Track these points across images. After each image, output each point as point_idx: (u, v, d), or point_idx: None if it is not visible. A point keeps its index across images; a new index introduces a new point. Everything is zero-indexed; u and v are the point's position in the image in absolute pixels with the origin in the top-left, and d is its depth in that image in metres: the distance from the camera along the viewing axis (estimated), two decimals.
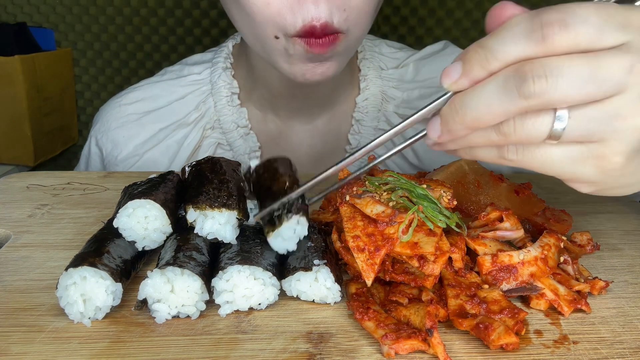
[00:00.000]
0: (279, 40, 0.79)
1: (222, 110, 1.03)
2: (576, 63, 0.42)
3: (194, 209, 0.58)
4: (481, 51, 0.45)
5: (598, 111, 0.44)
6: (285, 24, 0.75)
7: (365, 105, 1.03)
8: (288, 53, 0.80)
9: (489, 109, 0.44)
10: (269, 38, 0.79)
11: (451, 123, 0.47)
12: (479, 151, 0.50)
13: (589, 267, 0.63)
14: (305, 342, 0.49)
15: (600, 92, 0.43)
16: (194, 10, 2.03)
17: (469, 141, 0.48)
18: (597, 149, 0.46)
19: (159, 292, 0.51)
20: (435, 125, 0.49)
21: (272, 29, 0.78)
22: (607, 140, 0.45)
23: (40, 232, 0.69)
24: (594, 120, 0.44)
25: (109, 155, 1.05)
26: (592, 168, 0.47)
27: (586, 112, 0.44)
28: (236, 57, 1.05)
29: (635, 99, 0.43)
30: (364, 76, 1.04)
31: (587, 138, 0.45)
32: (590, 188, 0.51)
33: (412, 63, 1.05)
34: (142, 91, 1.07)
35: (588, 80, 0.42)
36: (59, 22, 2.05)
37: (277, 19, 0.76)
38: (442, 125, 0.48)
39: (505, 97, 0.43)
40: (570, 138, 0.45)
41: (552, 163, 0.47)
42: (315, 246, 0.57)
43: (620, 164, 0.46)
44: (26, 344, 0.48)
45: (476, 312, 0.51)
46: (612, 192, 0.53)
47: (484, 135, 0.47)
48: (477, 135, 0.47)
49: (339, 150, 1.06)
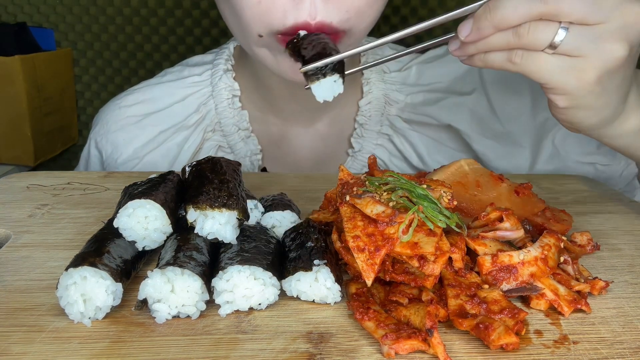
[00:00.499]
0: (262, 40, 0.78)
1: (223, 113, 1.02)
2: None
3: (194, 209, 0.58)
4: None
5: (587, 32, 0.57)
6: (274, 21, 0.75)
7: (369, 108, 1.03)
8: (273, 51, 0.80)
9: (516, 10, 0.57)
10: (251, 38, 0.79)
11: (482, 21, 0.59)
12: (491, 56, 0.62)
13: (589, 267, 0.63)
14: (305, 342, 0.49)
15: (593, 17, 0.57)
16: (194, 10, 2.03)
17: (487, 44, 0.60)
18: (580, 63, 0.59)
19: (159, 292, 0.51)
20: (467, 25, 0.61)
21: (257, 27, 0.77)
22: (588, 57, 0.58)
23: (41, 232, 0.69)
24: (583, 38, 0.58)
25: (109, 158, 1.05)
26: (572, 79, 0.60)
27: (580, 30, 0.57)
28: (237, 59, 1.04)
29: (615, 29, 0.57)
30: (366, 79, 1.03)
31: (575, 52, 0.58)
32: (565, 102, 0.63)
33: (415, 66, 1.05)
34: (141, 93, 1.07)
35: (588, 4, 0.56)
36: (59, 22, 2.05)
37: (265, 17, 0.75)
38: (474, 24, 0.60)
39: (529, 1, 0.56)
40: (563, 50, 0.58)
41: (545, 69, 0.60)
42: (315, 246, 0.57)
43: (593, 79, 0.59)
44: (26, 344, 0.48)
45: (476, 312, 0.51)
46: (580, 115, 0.64)
47: (503, 37, 0.59)
48: (497, 36, 0.59)
49: (340, 154, 1.06)
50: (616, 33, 0.58)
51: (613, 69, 0.60)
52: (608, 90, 0.62)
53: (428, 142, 1.03)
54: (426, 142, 1.03)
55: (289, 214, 0.67)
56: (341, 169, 0.63)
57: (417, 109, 1.02)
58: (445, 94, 1.03)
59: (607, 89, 0.62)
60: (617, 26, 0.57)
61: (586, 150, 0.99)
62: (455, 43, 0.64)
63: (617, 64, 0.59)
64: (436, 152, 1.02)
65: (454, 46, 0.64)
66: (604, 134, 0.70)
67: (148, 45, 2.08)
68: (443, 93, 1.03)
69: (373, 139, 1.03)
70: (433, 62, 1.06)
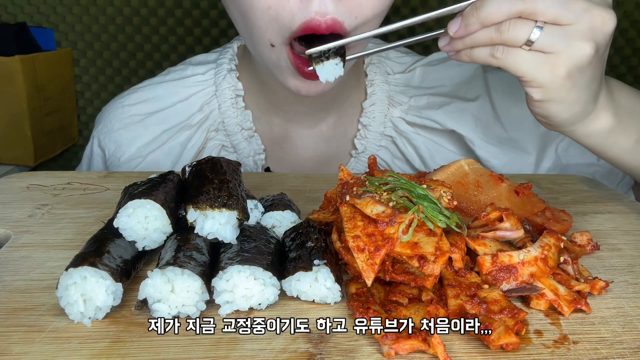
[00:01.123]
0: (274, 50, 0.79)
1: (226, 112, 1.02)
2: None
3: (194, 209, 0.58)
4: None
5: (559, 31, 0.64)
6: (283, 25, 0.75)
7: (372, 110, 1.03)
8: (280, 64, 0.80)
9: (499, 7, 0.63)
10: (263, 46, 0.80)
11: (469, 18, 0.65)
12: (476, 51, 0.68)
13: (589, 267, 0.63)
14: (305, 342, 0.49)
15: (564, 18, 0.63)
16: (194, 10, 2.03)
17: (473, 39, 0.66)
18: (552, 59, 0.65)
19: (159, 292, 0.51)
20: (456, 21, 0.67)
21: (269, 35, 0.77)
22: (560, 54, 0.65)
23: (41, 232, 0.69)
24: (555, 36, 0.64)
25: (112, 157, 1.05)
26: (545, 72, 0.66)
27: (552, 29, 0.64)
28: (241, 59, 1.04)
29: (583, 30, 0.64)
30: (370, 81, 1.03)
31: (548, 49, 0.65)
32: (540, 94, 0.68)
33: (418, 68, 1.05)
34: (145, 92, 1.07)
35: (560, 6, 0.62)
36: (59, 22, 2.05)
37: (275, 22, 0.75)
38: (462, 21, 0.66)
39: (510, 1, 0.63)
40: (538, 46, 0.65)
41: (522, 63, 0.66)
42: (315, 246, 0.57)
43: (564, 73, 0.66)
44: (26, 344, 0.48)
45: (476, 312, 0.51)
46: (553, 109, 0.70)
47: (487, 33, 0.65)
48: (482, 33, 0.65)
49: (343, 155, 1.06)
50: (584, 33, 0.64)
51: (582, 66, 0.66)
52: (578, 86, 0.68)
53: (431, 145, 1.03)
54: (429, 145, 1.03)
55: (289, 214, 0.67)
56: (341, 169, 0.63)
57: (420, 112, 1.02)
58: (449, 98, 1.03)
59: (577, 84, 0.67)
60: (585, 27, 0.64)
61: (587, 162, 1.01)
62: (445, 39, 0.69)
63: (585, 61, 0.65)
64: (439, 155, 1.02)
65: (444, 42, 0.70)
66: (575, 131, 0.75)
67: (148, 45, 2.08)
68: (447, 97, 1.03)
69: (376, 140, 1.03)
70: (437, 65, 1.06)
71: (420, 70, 1.05)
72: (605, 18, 0.64)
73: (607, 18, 0.64)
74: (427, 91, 1.04)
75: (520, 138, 1.02)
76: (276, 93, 1.00)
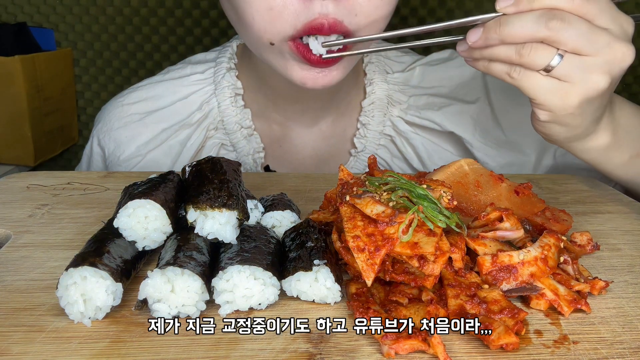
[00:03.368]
0: (274, 48, 0.79)
1: (225, 111, 1.02)
2: (582, 24, 0.63)
3: (194, 209, 0.58)
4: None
5: (579, 62, 0.64)
6: (285, 26, 0.75)
7: (371, 109, 1.03)
8: (285, 59, 0.80)
9: (522, 29, 0.63)
10: (263, 45, 0.80)
11: (491, 32, 0.65)
12: (494, 65, 0.68)
13: (589, 267, 0.63)
14: (305, 342, 0.49)
15: (586, 49, 0.63)
16: (194, 10, 2.03)
17: (492, 53, 0.66)
18: (567, 87, 0.66)
19: (159, 292, 0.51)
20: (477, 31, 0.67)
21: (268, 35, 0.77)
22: (575, 84, 0.65)
23: (41, 232, 0.69)
24: (573, 66, 0.64)
25: (112, 155, 1.05)
26: (557, 100, 0.67)
27: (572, 59, 0.64)
28: (240, 58, 1.04)
29: (602, 63, 0.64)
30: (369, 80, 1.03)
31: (565, 78, 0.65)
32: (546, 117, 0.70)
33: (418, 67, 1.05)
34: (144, 91, 1.07)
35: (584, 37, 0.63)
36: (59, 22, 2.05)
37: (275, 23, 0.75)
38: (483, 33, 0.66)
39: (535, 25, 0.62)
40: (556, 74, 0.65)
41: (537, 88, 0.66)
42: (315, 246, 0.57)
43: (575, 103, 0.67)
44: (26, 344, 0.48)
45: (476, 312, 0.51)
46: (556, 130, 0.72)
47: (506, 51, 0.65)
48: (501, 49, 0.65)
49: (343, 153, 1.06)
50: (602, 67, 0.65)
51: (593, 97, 0.67)
52: (585, 114, 0.69)
53: (429, 145, 1.03)
54: (427, 145, 1.03)
55: (289, 214, 0.67)
56: (341, 168, 0.63)
57: (420, 112, 1.03)
58: (448, 99, 1.03)
59: (584, 112, 0.69)
60: (604, 61, 0.64)
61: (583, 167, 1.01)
62: (464, 44, 0.70)
63: (598, 93, 0.67)
64: (437, 156, 1.03)
65: (463, 47, 0.70)
66: (572, 147, 0.77)
67: (148, 45, 2.07)
68: (446, 99, 1.03)
69: (375, 139, 1.03)
70: (436, 66, 1.06)
71: (420, 69, 1.05)
72: (625, 53, 0.65)
73: (627, 54, 0.65)
74: (427, 91, 1.04)
75: (519, 141, 1.02)
76: (276, 91, 1.00)
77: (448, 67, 1.06)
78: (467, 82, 1.05)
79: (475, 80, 1.05)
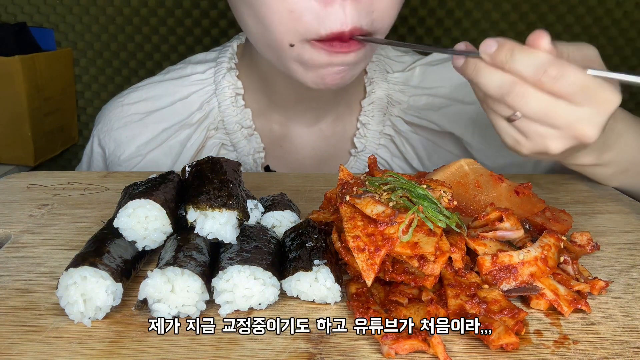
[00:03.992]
0: (293, 49, 0.79)
1: (226, 111, 1.02)
2: (542, 103, 0.63)
3: (194, 209, 0.58)
4: (509, 53, 0.63)
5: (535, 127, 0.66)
6: (308, 30, 0.76)
7: (372, 108, 1.03)
8: (303, 60, 0.80)
9: (487, 86, 0.66)
10: (283, 47, 0.80)
11: (466, 71, 0.68)
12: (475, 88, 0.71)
13: (589, 267, 0.63)
14: (305, 342, 0.49)
15: (544, 122, 0.65)
16: (194, 10, 2.03)
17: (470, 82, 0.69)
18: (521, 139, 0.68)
19: (159, 292, 0.51)
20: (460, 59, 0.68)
21: (289, 37, 0.78)
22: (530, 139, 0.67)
23: (41, 232, 0.69)
24: (530, 128, 0.66)
25: (112, 155, 1.05)
26: (512, 144, 0.70)
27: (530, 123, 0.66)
28: (241, 58, 1.04)
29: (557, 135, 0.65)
30: (370, 79, 1.03)
31: (522, 131, 0.67)
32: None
33: (418, 67, 1.05)
34: (145, 91, 1.07)
35: (542, 114, 0.64)
36: (59, 22, 2.05)
37: (296, 26, 0.76)
38: (462, 65, 0.68)
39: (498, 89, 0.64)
40: (515, 124, 0.67)
41: (497, 125, 0.70)
42: (315, 246, 0.57)
43: (525, 154, 0.70)
44: (26, 344, 0.48)
45: (476, 312, 0.51)
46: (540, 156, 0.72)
47: (477, 90, 0.70)
48: (474, 85, 0.69)
49: (343, 153, 1.06)
50: (558, 137, 0.66)
51: (543, 155, 0.69)
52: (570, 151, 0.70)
53: (429, 145, 1.03)
54: (427, 145, 1.03)
55: (289, 214, 0.67)
56: (341, 168, 0.63)
57: (419, 112, 1.03)
58: (448, 100, 1.03)
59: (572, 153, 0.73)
60: (561, 134, 0.66)
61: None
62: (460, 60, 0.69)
63: (550, 154, 0.69)
64: (437, 155, 1.03)
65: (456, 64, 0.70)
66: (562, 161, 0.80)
67: (148, 45, 2.08)
68: (446, 99, 1.03)
69: (375, 139, 1.03)
70: (437, 66, 1.06)
71: (420, 69, 1.05)
72: (587, 132, 0.65)
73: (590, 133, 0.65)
74: (426, 91, 1.04)
75: None
76: (276, 91, 1.00)
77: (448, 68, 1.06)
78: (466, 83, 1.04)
79: None
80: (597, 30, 2.07)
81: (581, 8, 2.05)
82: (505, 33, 2.04)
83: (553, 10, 2.06)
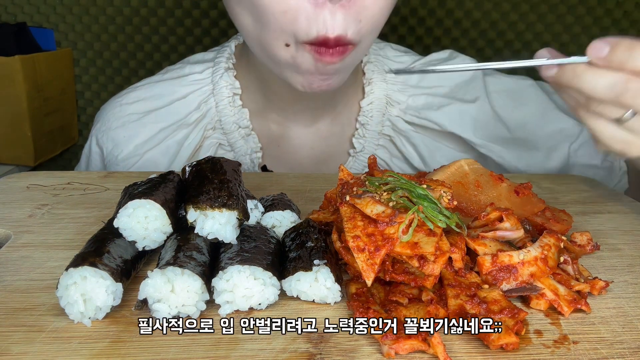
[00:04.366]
0: (289, 49, 0.79)
1: (223, 111, 1.02)
2: None
3: (194, 209, 0.58)
4: (627, 52, 0.61)
5: None
6: (299, 31, 0.76)
7: (370, 109, 1.03)
8: (296, 62, 0.81)
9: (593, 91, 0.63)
10: (278, 47, 0.80)
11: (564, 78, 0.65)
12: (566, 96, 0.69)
13: (589, 267, 0.63)
14: (305, 342, 0.49)
15: None
16: (194, 10, 2.03)
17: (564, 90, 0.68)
18: (632, 139, 0.65)
19: (159, 292, 0.51)
20: (552, 69, 0.66)
21: (284, 37, 0.78)
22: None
23: (41, 232, 0.69)
24: None
25: (110, 155, 1.05)
26: (620, 147, 0.67)
27: None
28: (238, 58, 1.04)
29: None
30: (368, 80, 1.03)
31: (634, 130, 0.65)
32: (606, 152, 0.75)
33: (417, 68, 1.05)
34: (143, 90, 1.07)
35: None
36: (59, 22, 2.05)
37: (291, 26, 0.76)
38: (557, 74, 0.65)
39: (609, 91, 0.62)
40: (626, 125, 0.65)
41: (603, 132, 0.67)
42: (315, 246, 0.57)
43: (636, 155, 0.67)
44: (26, 344, 0.48)
45: (476, 312, 0.51)
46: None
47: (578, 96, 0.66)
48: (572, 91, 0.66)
49: (341, 153, 1.06)
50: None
51: None
52: None
53: (430, 143, 1.03)
54: (428, 143, 1.03)
55: (289, 214, 0.67)
56: (341, 169, 0.63)
57: (419, 112, 1.03)
58: (447, 99, 1.03)
59: None
60: None
61: (591, 164, 1.03)
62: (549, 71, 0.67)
63: None
64: (439, 153, 1.03)
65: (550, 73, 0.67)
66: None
67: (148, 45, 2.08)
68: (445, 98, 1.03)
69: (374, 139, 1.03)
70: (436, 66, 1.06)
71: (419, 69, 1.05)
72: None
73: None
74: (426, 91, 1.04)
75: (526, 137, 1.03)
76: (274, 91, 1.00)
77: None
78: (466, 82, 1.05)
79: (475, 80, 1.05)
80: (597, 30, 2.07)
81: (581, 8, 2.05)
82: (505, 33, 2.04)
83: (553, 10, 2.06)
